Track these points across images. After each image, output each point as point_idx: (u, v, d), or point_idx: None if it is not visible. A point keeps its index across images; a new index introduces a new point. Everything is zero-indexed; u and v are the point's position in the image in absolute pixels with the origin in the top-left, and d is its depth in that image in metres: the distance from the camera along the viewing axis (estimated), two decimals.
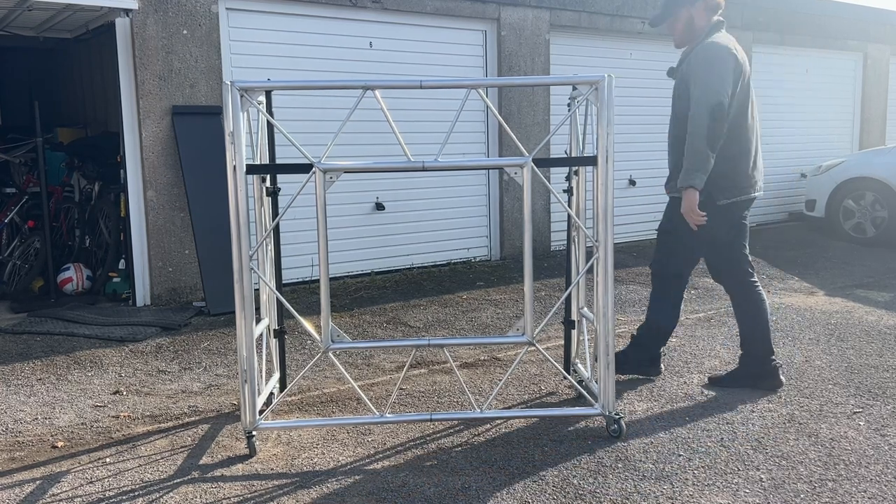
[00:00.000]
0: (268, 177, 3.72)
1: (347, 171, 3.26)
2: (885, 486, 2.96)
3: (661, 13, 3.93)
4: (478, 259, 7.68)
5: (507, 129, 3.40)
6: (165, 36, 5.79)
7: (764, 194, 10.08)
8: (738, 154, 3.79)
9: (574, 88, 3.76)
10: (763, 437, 3.41)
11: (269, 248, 3.74)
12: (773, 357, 3.99)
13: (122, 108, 5.76)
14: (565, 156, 4.04)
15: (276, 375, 3.89)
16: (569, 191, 3.92)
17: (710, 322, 5.40)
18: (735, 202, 3.82)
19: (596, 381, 3.52)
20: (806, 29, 10.22)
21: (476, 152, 7.55)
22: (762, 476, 3.05)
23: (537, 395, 3.99)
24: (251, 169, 3.35)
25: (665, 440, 3.39)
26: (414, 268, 7.25)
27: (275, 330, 3.83)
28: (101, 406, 3.91)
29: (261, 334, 3.67)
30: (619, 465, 3.15)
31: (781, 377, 4.00)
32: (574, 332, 4.04)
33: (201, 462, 3.24)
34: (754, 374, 4.00)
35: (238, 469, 3.17)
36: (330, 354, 3.32)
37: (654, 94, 8.93)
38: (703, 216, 3.67)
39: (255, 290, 4.03)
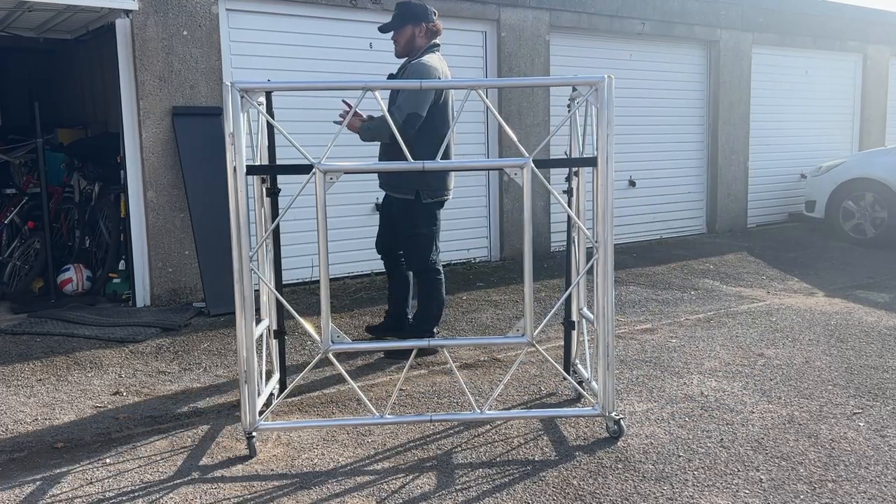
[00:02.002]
0: (268, 177, 3.72)
1: (347, 171, 3.27)
2: (885, 486, 2.96)
3: (390, 23, 4.56)
4: (478, 260, 7.68)
5: (507, 129, 3.41)
6: (166, 37, 5.79)
7: (764, 195, 10.23)
8: (449, 157, 4.43)
9: (574, 89, 3.77)
10: (763, 438, 3.42)
11: (269, 248, 3.74)
12: (438, 331, 4.79)
13: (123, 109, 5.76)
14: (565, 157, 4.04)
15: (276, 376, 3.89)
16: (569, 191, 3.92)
17: (709, 323, 5.41)
18: (436, 202, 4.52)
19: (596, 382, 3.52)
20: (806, 30, 10.23)
21: (476, 153, 7.55)
22: (762, 477, 3.05)
23: (537, 396, 3.99)
24: (251, 170, 3.35)
25: (665, 441, 3.39)
26: None
27: (275, 331, 3.83)
28: (101, 407, 3.91)
29: (261, 335, 3.67)
30: (619, 466, 3.15)
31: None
32: (574, 333, 4.04)
33: (201, 463, 3.24)
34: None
35: (238, 470, 3.17)
36: (330, 355, 3.32)
37: (654, 95, 8.95)
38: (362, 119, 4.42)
39: (255, 290, 4.03)
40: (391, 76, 4.70)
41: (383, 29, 4.60)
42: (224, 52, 6.09)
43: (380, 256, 4.86)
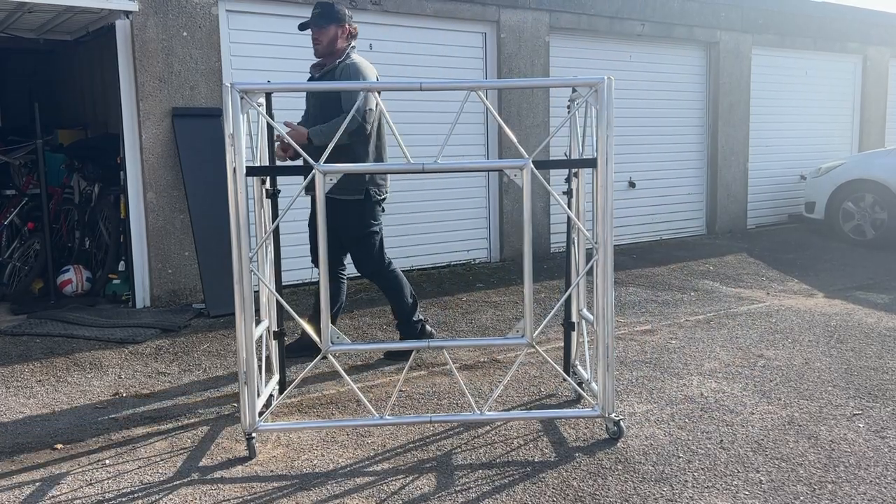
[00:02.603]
0: (267, 178, 3.72)
1: (347, 172, 3.27)
2: (885, 488, 2.96)
3: (312, 20, 4.39)
4: (477, 261, 7.69)
5: (507, 130, 3.41)
6: (165, 38, 5.79)
7: (764, 196, 10.23)
8: (384, 158, 4.52)
9: (573, 90, 3.77)
10: (763, 440, 3.41)
11: (269, 249, 3.74)
12: (420, 318, 4.69)
13: (123, 110, 5.77)
14: (565, 158, 4.04)
15: (276, 377, 3.89)
16: (568, 192, 3.92)
17: (709, 324, 5.41)
18: (385, 198, 4.51)
19: (595, 383, 3.52)
20: (806, 31, 10.23)
21: (476, 154, 7.55)
22: (762, 478, 3.05)
23: (537, 397, 3.99)
24: (251, 171, 3.35)
25: (664, 442, 3.39)
26: (413, 270, 7.25)
27: (274, 332, 3.83)
28: (100, 408, 3.91)
29: (260, 336, 3.67)
30: (619, 467, 3.15)
31: (430, 329, 4.71)
32: (574, 334, 4.04)
33: (201, 464, 3.24)
34: (415, 338, 4.62)
35: (238, 471, 3.17)
36: (329, 356, 3.32)
37: (654, 97, 8.95)
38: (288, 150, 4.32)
39: (255, 291, 4.03)
40: (312, 80, 4.53)
41: (303, 26, 4.45)
42: (224, 53, 6.09)
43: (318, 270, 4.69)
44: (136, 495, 2.96)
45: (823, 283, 6.77)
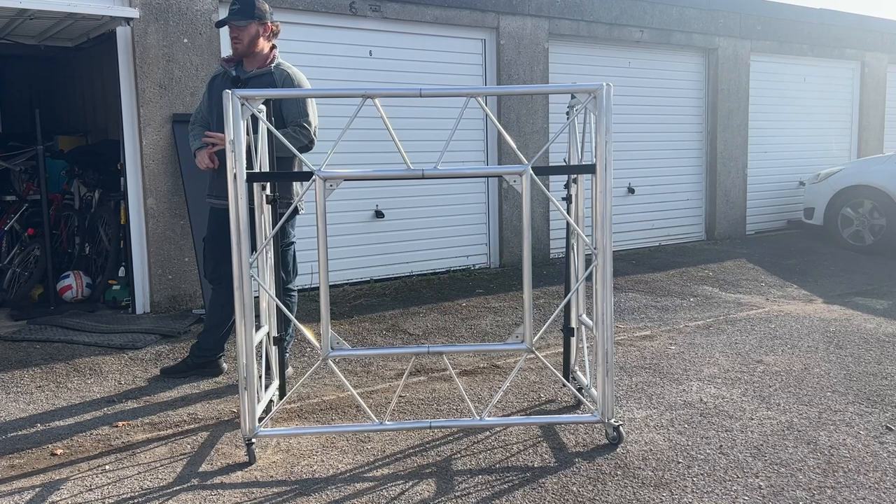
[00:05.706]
0: (268, 184, 3.73)
1: (347, 178, 3.28)
2: (884, 493, 2.97)
3: (230, 17, 4.02)
4: (477, 267, 7.69)
5: (507, 137, 3.42)
6: (166, 44, 5.81)
7: (763, 202, 10.25)
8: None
9: (573, 97, 3.78)
10: (762, 445, 3.42)
11: (269, 255, 3.75)
12: (223, 353, 4.48)
13: (123, 116, 5.78)
14: (564, 164, 4.06)
15: (276, 383, 3.89)
16: (567, 198, 3.93)
17: (708, 330, 5.41)
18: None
19: (595, 389, 3.53)
20: (804, 38, 10.27)
21: (475, 160, 7.57)
22: (761, 483, 3.06)
23: (536, 403, 4.00)
24: (252, 177, 3.36)
25: (664, 448, 3.40)
26: (413, 275, 7.26)
27: (274, 337, 3.83)
28: (100, 414, 3.91)
29: (260, 341, 3.67)
30: (619, 473, 3.15)
31: (224, 365, 4.48)
32: (573, 340, 4.04)
33: (200, 469, 3.24)
34: (199, 364, 4.41)
35: (237, 476, 3.17)
36: (329, 362, 3.32)
37: (653, 103, 8.98)
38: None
39: (255, 297, 4.04)
40: (238, 81, 4.12)
41: (221, 23, 4.12)
42: None
43: (215, 285, 4.35)
44: (135, 501, 2.96)
45: (822, 288, 6.78)
